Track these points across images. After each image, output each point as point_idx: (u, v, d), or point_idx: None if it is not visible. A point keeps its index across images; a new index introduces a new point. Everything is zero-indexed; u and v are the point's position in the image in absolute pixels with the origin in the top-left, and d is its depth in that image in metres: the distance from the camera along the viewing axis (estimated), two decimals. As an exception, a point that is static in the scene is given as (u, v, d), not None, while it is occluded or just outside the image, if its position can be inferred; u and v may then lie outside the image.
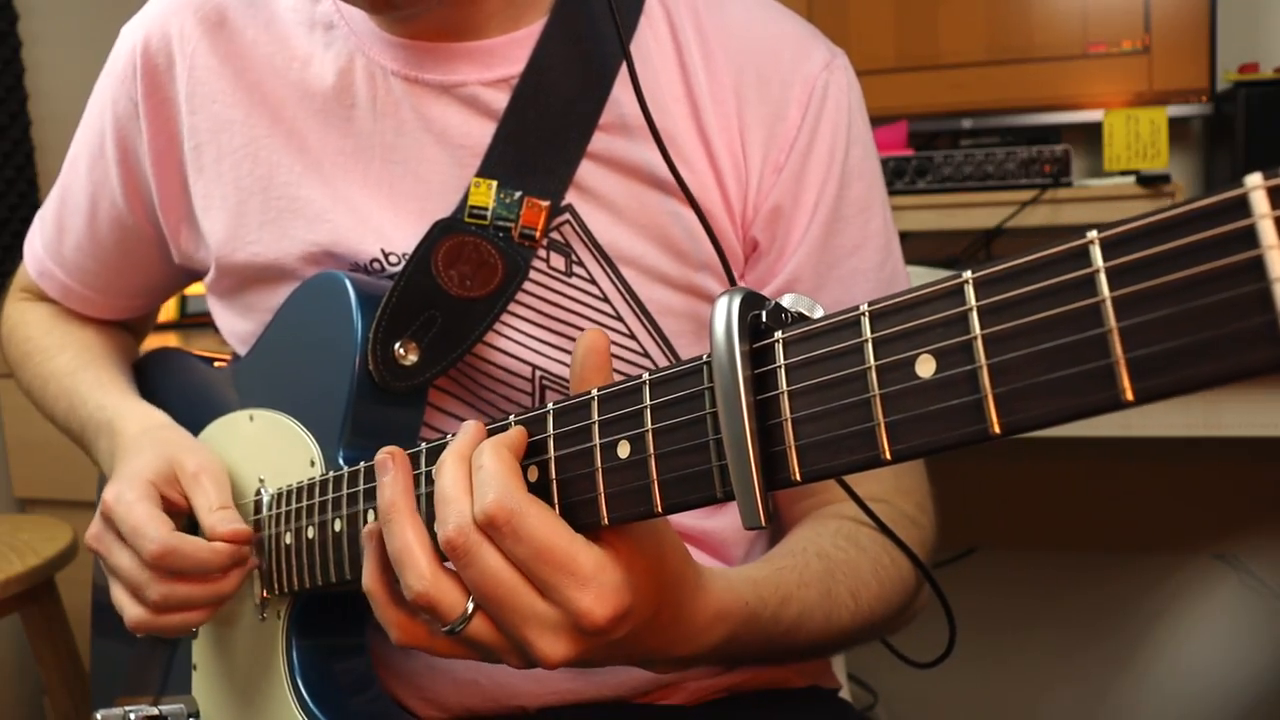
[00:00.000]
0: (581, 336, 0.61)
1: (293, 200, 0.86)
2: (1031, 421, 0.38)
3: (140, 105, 0.92)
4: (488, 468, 0.57)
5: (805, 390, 0.46)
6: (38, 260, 1.06)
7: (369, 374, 0.79)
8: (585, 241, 0.83)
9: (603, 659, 0.62)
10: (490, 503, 0.56)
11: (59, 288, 1.06)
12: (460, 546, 0.57)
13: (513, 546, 0.56)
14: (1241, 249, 0.34)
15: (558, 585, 0.55)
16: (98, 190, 0.98)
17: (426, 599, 0.59)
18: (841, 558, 0.77)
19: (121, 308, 1.08)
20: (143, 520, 0.78)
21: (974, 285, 0.40)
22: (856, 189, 0.87)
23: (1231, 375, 0.35)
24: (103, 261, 1.02)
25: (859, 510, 0.81)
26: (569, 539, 0.56)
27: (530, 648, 0.57)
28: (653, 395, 0.52)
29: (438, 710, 0.86)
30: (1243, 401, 1.30)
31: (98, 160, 0.97)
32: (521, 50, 0.84)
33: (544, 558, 0.55)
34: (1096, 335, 0.37)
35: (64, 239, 1.03)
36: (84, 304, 1.06)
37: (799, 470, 0.46)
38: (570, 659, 0.57)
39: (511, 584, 0.56)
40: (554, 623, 0.56)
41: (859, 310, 0.44)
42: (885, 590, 0.79)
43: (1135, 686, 2.08)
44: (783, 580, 0.72)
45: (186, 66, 0.90)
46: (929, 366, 0.41)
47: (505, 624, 0.58)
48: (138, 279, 1.04)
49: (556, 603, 0.56)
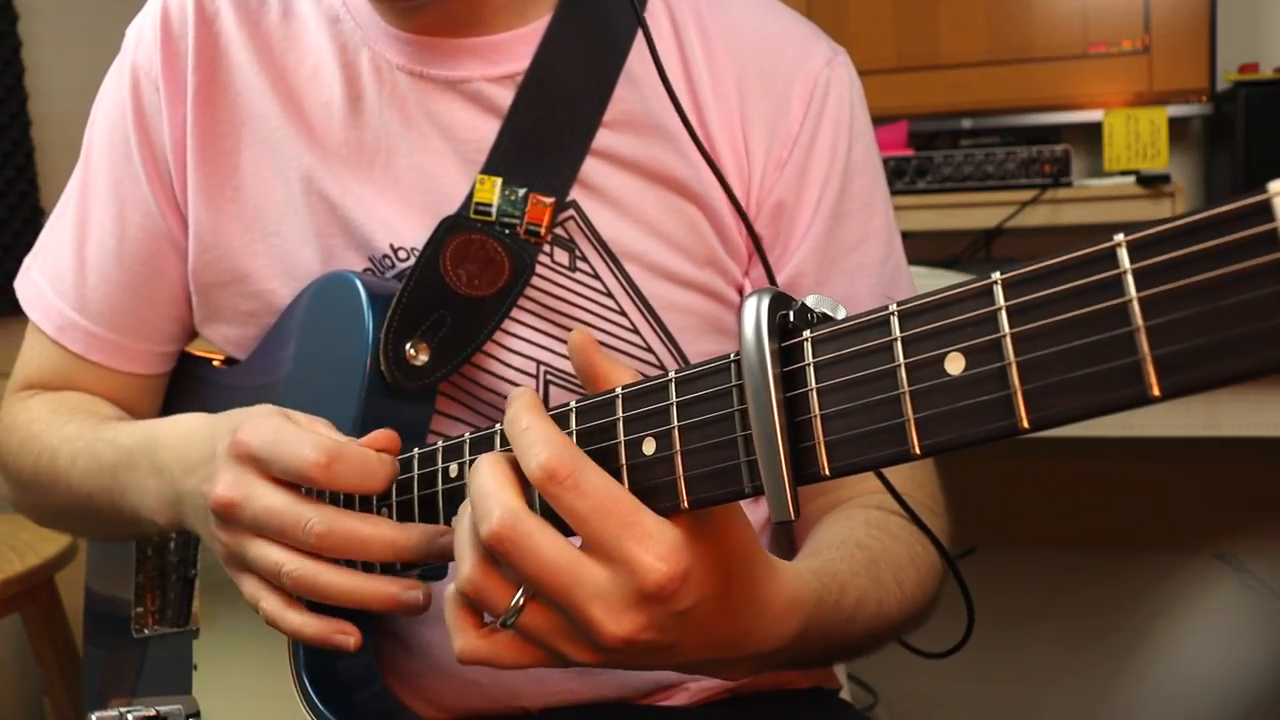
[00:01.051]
0: (570, 340, 0.59)
1: (308, 194, 0.86)
2: (1060, 416, 0.39)
3: (162, 91, 0.89)
4: (534, 427, 0.55)
5: (834, 387, 0.47)
6: (55, 314, 0.95)
7: (380, 374, 0.79)
8: (589, 237, 0.84)
9: (675, 643, 0.57)
10: (549, 456, 0.53)
11: (83, 338, 0.94)
12: (510, 538, 0.54)
13: (575, 500, 0.53)
14: (1264, 251, 0.35)
15: (620, 541, 0.53)
16: (125, 206, 0.92)
17: (476, 589, 0.57)
18: (879, 547, 0.76)
19: (149, 355, 0.96)
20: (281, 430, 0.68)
21: (1003, 286, 0.41)
22: (859, 184, 0.88)
23: (1254, 371, 0.36)
24: (134, 291, 0.93)
25: (882, 500, 0.81)
26: (628, 493, 0.54)
27: (594, 627, 0.54)
28: (679, 392, 0.53)
29: (439, 711, 0.86)
30: (1243, 401, 1.31)
31: (124, 169, 0.91)
32: (527, 46, 0.84)
33: (608, 508, 0.53)
34: (1124, 334, 0.38)
35: (86, 277, 0.93)
36: (112, 354, 0.95)
37: (828, 465, 0.47)
38: (637, 635, 0.54)
39: (570, 560, 0.54)
40: (617, 591, 0.53)
41: (888, 310, 0.45)
42: (923, 577, 0.79)
43: (1135, 686, 2.09)
44: (837, 570, 0.70)
45: (208, 52, 0.88)
46: (958, 364, 0.42)
47: (567, 605, 0.54)
48: (169, 310, 0.94)
49: (618, 561, 0.53)
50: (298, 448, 0.66)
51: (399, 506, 0.70)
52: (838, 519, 0.82)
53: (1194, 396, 0.37)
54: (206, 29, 0.89)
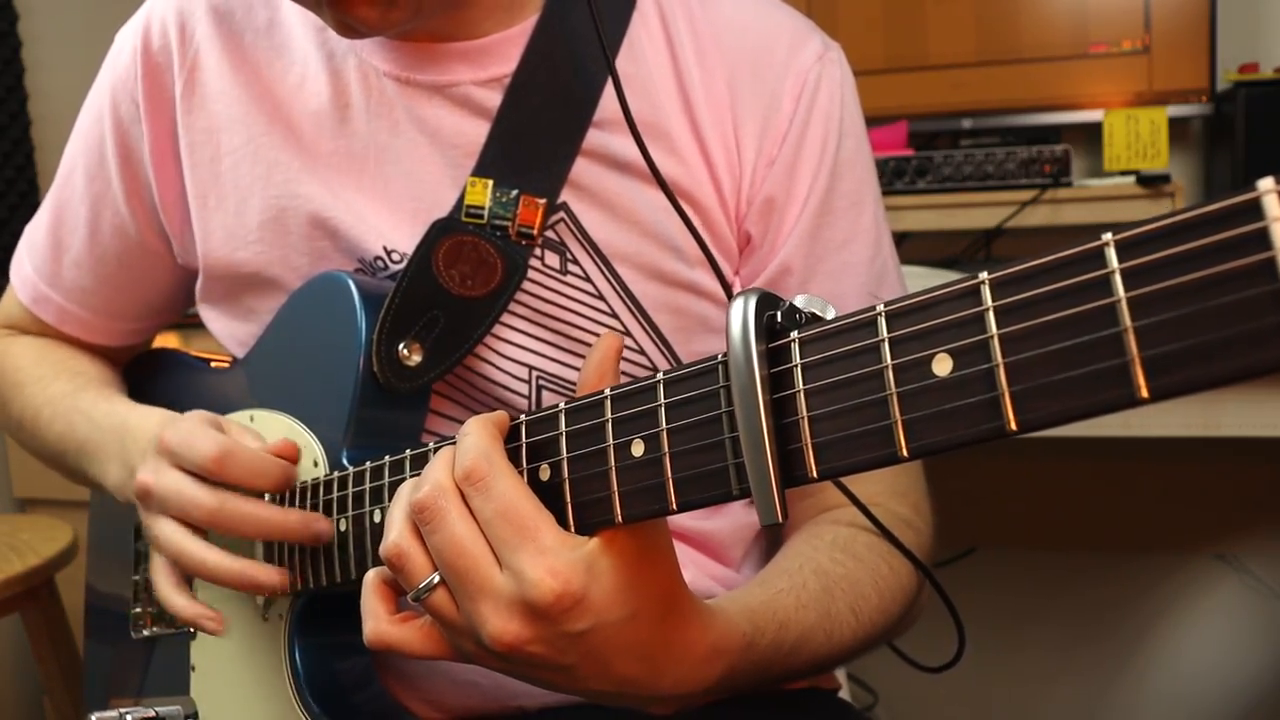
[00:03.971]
0: (600, 338, 0.61)
1: (293, 198, 0.86)
2: (1048, 418, 0.39)
3: (141, 105, 0.91)
4: (472, 435, 0.59)
5: (822, 389, 0.46)
6: (30, 286, 1.02)
7: (373, 375, 0.79)
8: (580, 239, 0.83)
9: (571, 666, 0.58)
10: (470, 459, 0.58)
11: (55, 311, 1.01)
12: (430, 508, 0.58)
13: (482, 503, 0.57)
14: (1254, 251, 0.35)
15: (515, 548, 0.56)
16: (98, 202, 0.96)
17: (398, 553, 0.60)
18: (840, 573, 0.76)
19: (119, 331, 1.04)
20: (193, 430, 0.78)
21: (990, 286, 0.41)
22: (848, 182, 0.87)
23: (1244, 373, 0.36)
24: (103, 279, 0.99)
25: (854, 515, 0.81)
26: (536, 507, 0.57)
27: (482, 625, 0.57)
28: (667, 394, 0.53)
29: (437, 711, 0.86)
30: (1243, 401, 1.31)
31: (98, 171, 0.95)
32: (514, 49, 0.84)
33: (508, 516, 0.56)
34: (1112, 334, 0.38)
35: (61, 257, 0.99)
36: (81, 328, 1.02)
37: (815, 467, 0.46)
38: (522, 645, 0.57)
39: (472, 552, 0.57)
40: (507, 596, 0.56)
41: (875, 310, 0.45)
42: (885, 601, 0.78)
43: (1135, 686, 2.08)
44: (779, 605, 0.70)
45: (187, 65, 0.90)
46: (946, 365, 0.42)
47: (461, 595, 0.58)
48: (139, 296, 1.01)
49: (511, 568, 0.56)
50: (201, 443, 0.76)
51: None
52: (803, 539, 0.81)
53: (1194, 396, 0.36)
54: (188, 43, 0.90)
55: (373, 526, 0.71)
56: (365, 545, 0.71)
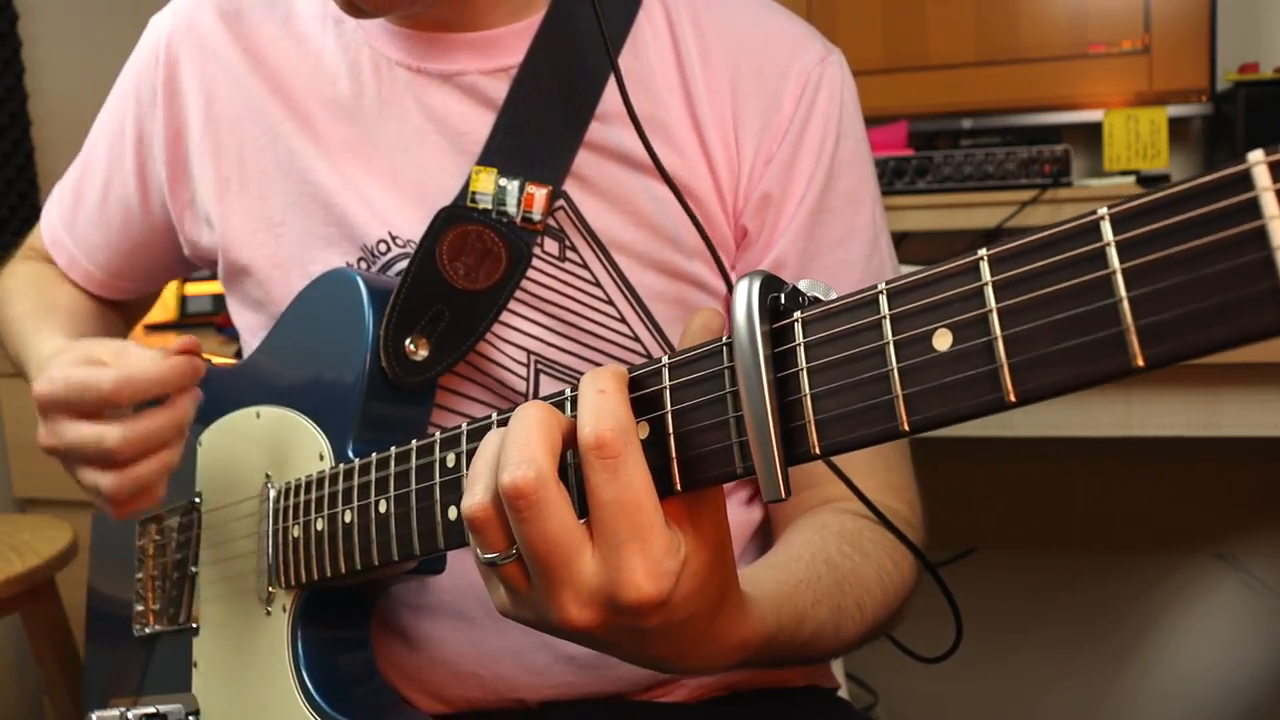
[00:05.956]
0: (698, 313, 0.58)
1: (308, 184, 0.89)
2: (1047, 389, 0.40)
3: (159, 93, 0.96)
4: (610, 395, 0.53)
5: (824, 366, 0.47)
6: (52, 229, 1.09)
7: (381, 370, 0.80)
8: (579, 227, 0.85)
9: (615, 644, 0.57)
10: (609, 427, 0.51)
11: (67, 258, 1.09)
12: (527, 496, 0.51)
13: (603, 483, 0.51)
14: (1245, 220, 0.36)
15: (622, 542, 0.51)
16: (112, 171, 1.02)
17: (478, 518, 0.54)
18: (849, 567, 0.77)
19: (118, 288, 1.10)
20: (84, 373, 0.77)
21: (989, 261, 0.42)
22: (845, 182, 0.88)
23: (1237, 339, 0.36)
24: (107, 239, 1.05)
25: (856, 507, 0.81)
26: (656, 506, 0.52)
27: (558, 609, 0.54)
28: (672, 377, 0.53)
29: (439, 703, 0.87)
30: (1243, 401, 1.31)
31: (116, 142, 1.01)
32: (521, 41, 0.86)
33: (627, 508, 0.51)
34: (1108, 305, 0.38)
35: (79, 211, 1.06)
36: (85, 278, 1.09)
37: (818, 443, 0.47)
38: (590, 628, 0.54)
39: (566, 548, 0.52)
40: (596, 588, 0.53)
41: (877, 289, 0.45)
42: (888, 596, 0.79)
43: (1135, 686, 2.08)
44: (800, 599, 0.70)
45: (205, 59, 0.93)
46: (946, 340, 0.42)
47: (544, 581, 0.54)
48: (139, 262, 1.07)
49: (608, 561, 0.52)
50: (96, 383, 0.76)
51: (397, 499, 0.70)
52: (811, 528, 0.81)
53: (1194, 396, 0.37)
54: (210, 37, 0.94)
55: (378, 517, 0.71)
56: (370, 536, 0.72)
